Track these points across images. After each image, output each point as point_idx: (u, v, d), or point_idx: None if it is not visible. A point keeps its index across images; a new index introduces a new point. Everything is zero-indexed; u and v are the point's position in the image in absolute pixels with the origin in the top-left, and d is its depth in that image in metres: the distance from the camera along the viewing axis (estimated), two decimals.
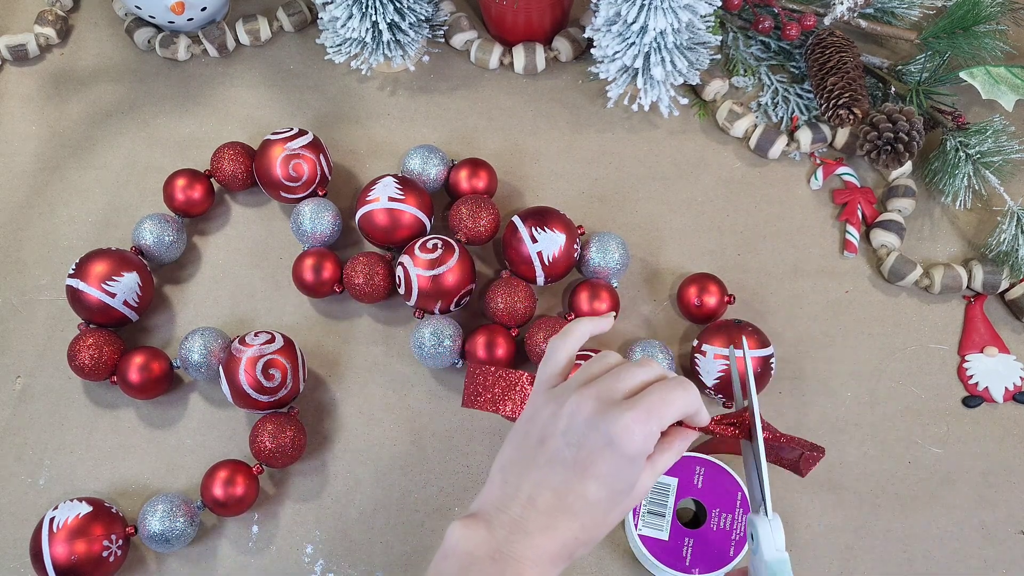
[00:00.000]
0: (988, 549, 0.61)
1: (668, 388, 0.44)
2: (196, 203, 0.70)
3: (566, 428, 0.44)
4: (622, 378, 0.45)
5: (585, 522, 0.43)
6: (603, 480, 0.43)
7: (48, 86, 0.77)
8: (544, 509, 0.43)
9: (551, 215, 0.66)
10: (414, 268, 0.63)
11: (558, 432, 0.44)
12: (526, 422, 0.46)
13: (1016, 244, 0.66)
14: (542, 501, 0.43)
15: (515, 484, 0.44)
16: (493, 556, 0.42)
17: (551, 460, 0.43)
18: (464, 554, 0.42)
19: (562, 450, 0.43)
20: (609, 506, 0.43)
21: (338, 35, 0.71)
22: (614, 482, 0.43)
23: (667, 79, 0.69)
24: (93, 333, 0.64)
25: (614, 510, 0.44)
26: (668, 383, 0.45)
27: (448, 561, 0.42)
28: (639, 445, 0.42)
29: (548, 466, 0.43)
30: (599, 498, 0.43)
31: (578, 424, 0.43)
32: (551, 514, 0.43)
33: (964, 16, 0.70)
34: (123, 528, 0.59)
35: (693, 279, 0.67)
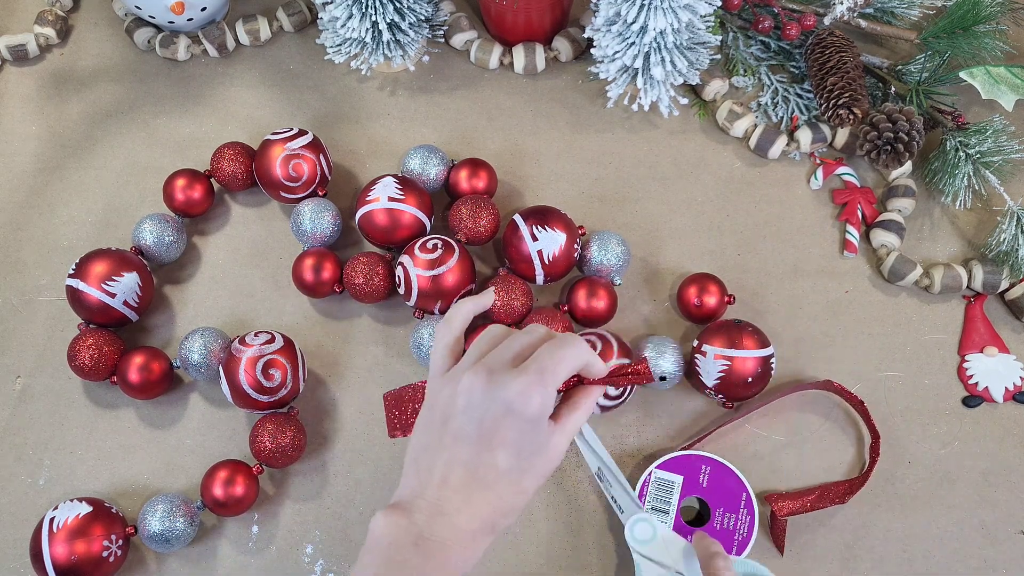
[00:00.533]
0: (988, 549, 0.61)
1: (556, 346, 0.45)
2: (196, 203, 0.70)
3: (465, 405, 0.44)
4: (510, 347, 0.46)
5: (501, 492, 0.44)
6: (510, 447, 0.44)
7: (48, 86, 0.77)
8: (458, 487, 0.44)
9: (552, 214, 0.66)
10: (414, 268, 0.63)
11: (458, 411, 0.45)
12: (428, 409, 0.47)
13: (1016, 244, 0.66)
14: (455, 479, 0.44)
15: (427, 469, 0.45)
16: (415, 542, 0.42)
17: (456, 438, 0.44)
18: (387, 545, 0.43)
19: (465, 426, 0.44)
20: (521, 472, 0.44)
21: (338, 35, 0.71)
22: (521, 447, 0.44)
23: (667, 79, 0.69)
24: (93, 333, 0.64)
25: (527, 475, 0.45)
26: (555, 341, 0.46)
27: (373, 553, 0.43)
28: (537, 406, 0.43)
29: (454, 445, 0.44)
30: (510, 466, 0.44)
31: (475, 399, 0.44)
32: (466, 490, 0.43)
33: (964, 16, 0.70)
34: (123, 528, 0.59)
35: (693, 279, 0.67)
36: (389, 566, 0.42)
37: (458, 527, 0.43)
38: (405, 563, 0.42)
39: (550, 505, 0.62)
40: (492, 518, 0.44)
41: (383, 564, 0.42)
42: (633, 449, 0.63)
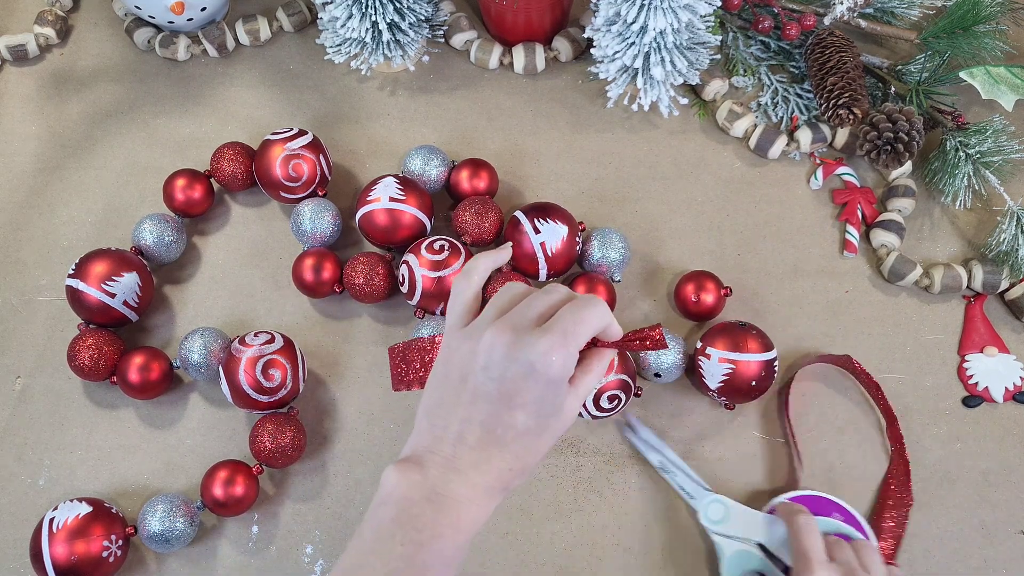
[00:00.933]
0: (988, 549, 0.61)
1: (579, 307, 0.45)
2: (196, 203, 0.70)
3: (486, 363, 0.44)
4: (532, 306, 0.46)
5: (517, 451, 0.44)
6: (529, 408, 0.43)
7: (48, 86, 0.77)
8: (474, 444, 0.43)
9: (553, 208, 0.66)
10: (419, 268, 0.63)
11: (478, 368, 0.44)
12: (444, 363, 0.47)
13: (1016, 244, 0.66)
14: (471, 437, 0.43)
15: (442, 425, 0.44)
16: (429, 497, 0.42)
17: (475, 396, 0.44)
18: (400, 498, 0.42)
19: (484, 384, 0.44)
20: (538, 432, 0.44)
21: (338, 35, 0.71)
22: (540, 408, 0.43)
23: (667, 79, 0.69)
24: (93, 333, 0.64)
25: (543, 435, 0.44)
26: (578, 302, 0.45)
27: (386, 507, 0.43)
28: (559, 368, 0.43)
29: (472, 402, 0.44)
30: (528, 426, 0.43)
31: (497, 357, 0.44)
32: (482, 448, 0.43)
33: (964, 16, 0.70)
34: (123, 528, 0.59)
35: (689, 277, 0.67)
36: (401, 520, 0.41)
37: (473, 484, 0.43)
38: (418, 517, 0.41)
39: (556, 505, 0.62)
40: (507, 477, 0.44)
41: (395, 518, 0.42)
42: (633, 450, 0.63)
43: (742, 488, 0.62)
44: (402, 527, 0.41)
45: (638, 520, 0.61)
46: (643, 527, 0.61)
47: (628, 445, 0.64)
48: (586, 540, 0.61)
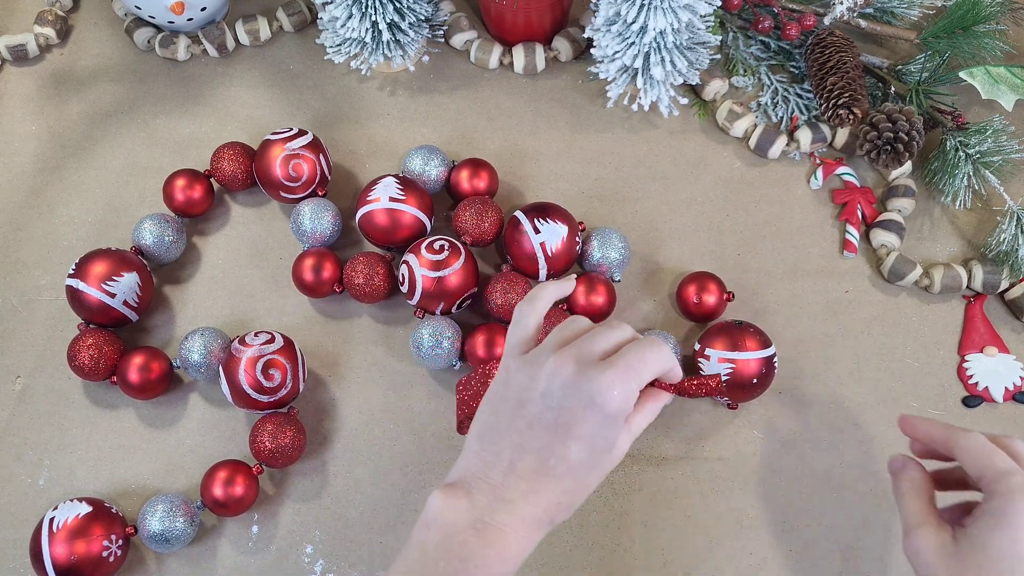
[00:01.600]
0: None
1: (644, 347, 0.45)
2: (196, 203, 0.70)
3: (545, 390, 0.43)
4: (597, 340, 0.45)
5: (567, 485, 0.43)
6: (585, 441, 0.43)
7: (48, 86, 0.77)
8: (525, 474, 0.43)
9: (553, 208, 0.66)
10: (419, 268, 0.63)
11: (537, 395, 0.44)
12: (501, 386, 0.46)
13: (1016, 244, 0.66)
14: (523, 466, 0.43)
15: (495, 451, 0.44)
16: (475, 525, 0.41)
17: (531, 423, 0.43)
18: (446, 524, 0.42)
19: (543, 413, 0.43)
20: (590, 467, 0.43)
21: (338, 35, 0.71)
22: (595, 442, 0.43)
23: (667, 79, 0.69)
24: (93, 333, 0.64)
25: (594, 471, 0.44)
26: (643, 342, 0.45)
27: (431, 531, 0.42)
28: (620, 403, 0.42)
29: (528, 429, 0.43)
30: (581, 459, 0.43)
31: (557, 386, 0.43)
32: (533, 479, 0.42)
33: (964, 16, 0.70)
34: (123, 528, 0.59)
35: (692, 278, 0.67)
36: (446, 546, 0.41)
37: (521, 516, 0.42)
38: (463, 545, 0.41)
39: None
40: (554, 511, 0.43)
41: (440, 543, 0.41)
42: (634, 450, 0.63)
43: (742, 487, 0.62)
44: (447, 554, 0.41)
45: (638, 520, 0.61)
46: (643, 527, 0.61)
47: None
48: (586, 540, 0.61)
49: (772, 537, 0.61)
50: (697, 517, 0.62)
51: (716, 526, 0.61)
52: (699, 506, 0.62)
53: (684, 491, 0.62)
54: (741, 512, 0.62)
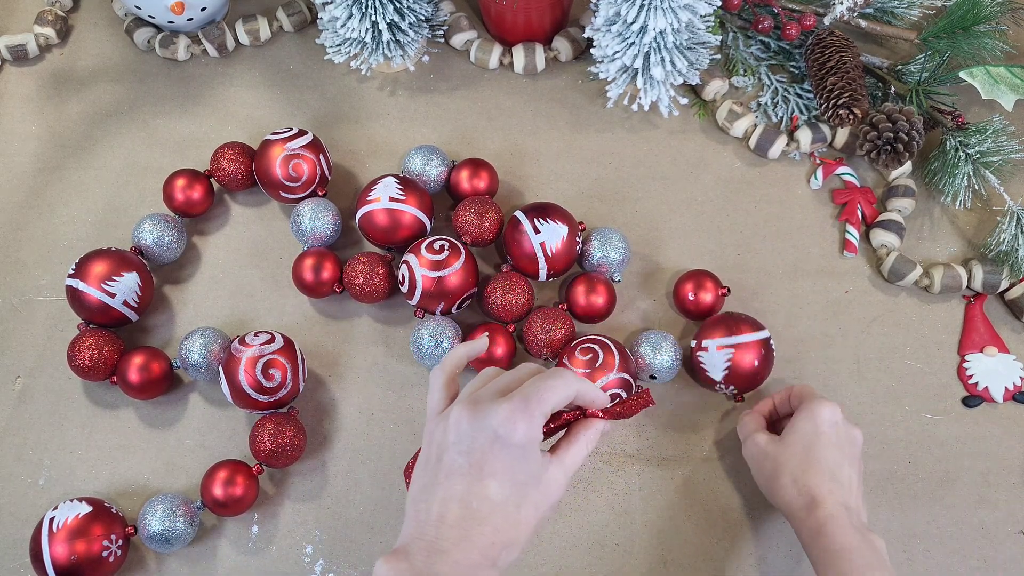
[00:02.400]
0: (988, 549, 0.61)
1: (543, 378, 0.46)
2: (196, 203, 0.70)
3: (456, 438, 0.45)
4: (498, 382, 0.47)
5: (497, 524, 0.43)
6: (500, 476, 0.43)
7: (48, 86, 0.77)
8: (454, 522, 0.43)
9: (553, 208, 0.66)
10: (419, 268, 0.63)
11: (449, 444, 0.45)
12: (425, 447, 0.47)
13: (1016, 244, 0.66)
14: (451, 516, 0.43)
15: (425, 508, 0.45)
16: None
17: (449, 473, 0.44)
18: None
19: (456, 459, 0.44)
20: (517, 502, 0.44)
21: (338, 35, 0.71)
22: (513, 475, 0.44)
23: (667, 79, 0.69)
24: (93, 333, 0.64)
25: (523, 506, 0.44)
26: (543, 374, 0.46)
27: None
28: (523, 432, 0.43)
29: (447, 480, 0.44)
30: (503, 496, 0.43)
31: (463, 429, 0.44)
32: (461, 525, 0.43)
33: (964, 16, 0.70)
34: (123, 528, 0.59)
35: (688, 276, 0.67)
36: None
37: (456, 563, 0.42)
38: None
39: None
40: (491, 552, 0.43)
41: None
42: (634, 450, 0.63)
43: (742, 487, 0.62)
44: None
45: (638, 520, 0.61)
46: (643, 527, 0.61)
47: (628, 445, 0.64)
48: (586, 540, 0.61)
49: (771, 537, 0.61)
50: (697, 517, 0.62)
51: (716, 526, 0.61)
52: (699, 506, 0.62)
53: (684, 491, 0.62)
54: (740, 512, 0.62)
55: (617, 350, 0.62)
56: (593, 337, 0.63)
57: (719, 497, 0.62)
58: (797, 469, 0.55)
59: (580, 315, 0.66)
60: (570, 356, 0.62)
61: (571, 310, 0.66)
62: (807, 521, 0.54)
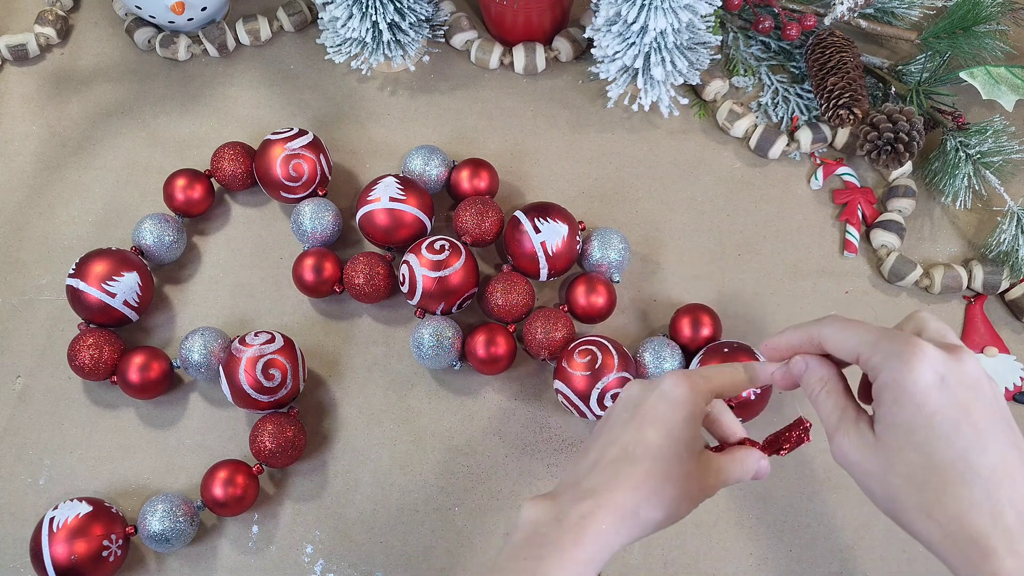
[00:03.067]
0: None
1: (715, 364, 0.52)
2: (196, 203, 0.70)
3: (624, 398, 0.47)
4: None
5: (648, 467, 0.43)
6: (659, 425, 0.44)
7: (48, 86, 0.77)
8: (607, 464, 0.44)
9: (553, 207, 0.66)
10: (420, 268, 0.63)
11: (619, 407, 0.47)
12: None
13: (1016, 244, 0.66)
14: (606, 458, 0.44)
15: (584, 458, 0.46)
16: (557, 517, 0.42)
17: (613, 425, 0.46)
18: (528, 523, 0.43)
19: (621, 415, 0.46)
20: (672, 456, 0.43)
21: (338, 35, 0.71)
22: (672, 428, 0.44)
23: (667, 79, 0.69)
24: (93, 333, 0.64)
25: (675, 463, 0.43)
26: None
27: (516, 532, 0.43)
28: (684, 389, 0.44)
29: (611, 431, 0.45)
30: (660, 442, 0.43)
31: (633, 392, 0.46)
32: (614, 466, 0.43)
33: (964, 16, 0.70)
34: (123, 528, 0.59)
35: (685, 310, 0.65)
36: (528, 539, 0.42)
37: (601, 503, 0.42)
38: (544, 535, 0.42)
39: None
40: (636, 496, 0.42)
41: (523, 539, 0.42)
42: None
43: (742, 488, 0.62)
44: (527, 543, 0.42)
45: None
46: None
47: None
48: None
49: (772, 537, 0.61)
50: (697, 517, 0.62)
51: (716, 526, 0.61)
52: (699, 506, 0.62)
53: None
54: (741, 512, 0.62)
55: (616, 350, 0.62)
56: (591, 339, 0.63)
57: (719, 497, 0.62)
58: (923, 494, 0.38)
59: (580, 315, 0.66)
60: (568, 359, 0.61)
61: (571, 311, 0.66)
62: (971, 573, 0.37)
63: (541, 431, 0.65)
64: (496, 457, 0.64)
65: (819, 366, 0.45)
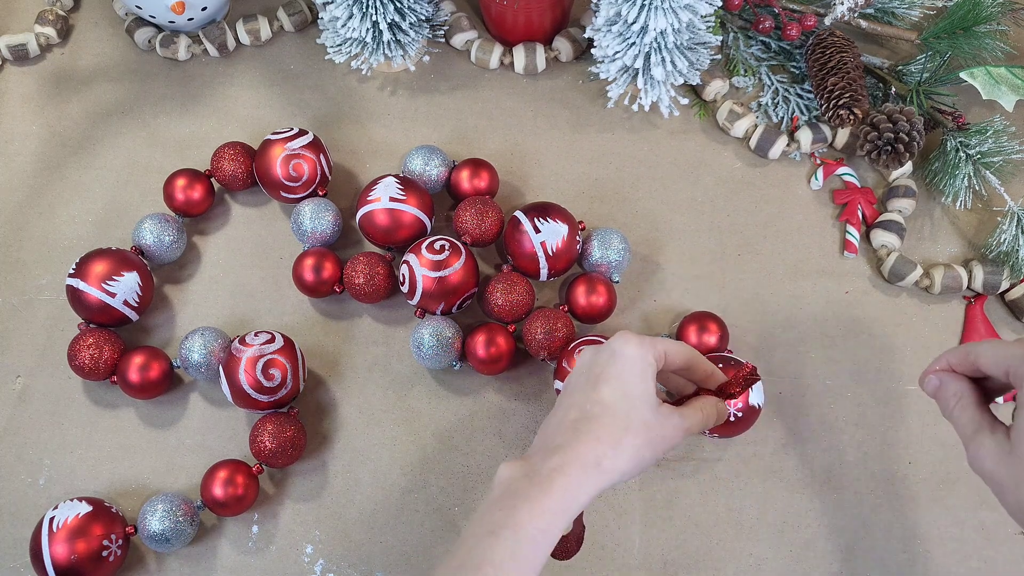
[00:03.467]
0: (988, 549, 0.61)
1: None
2: (196, 203, 0.70)
3: (579, 365, 0.51)
4: None
5: (605, 422, 0.47)
6: (613, 383, 0.48)
7: (48, 86, 0.77)
8: (569, 424, 0.48)
9: (552, 207, 0.66)
10: (420, 268, 0.63)
11: (575, 373, 0.51)
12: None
13: (1016, 244, 0.66)
14: (568, 419, 0.48)
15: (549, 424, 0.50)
16: (528, 474, 0.46)
17: (572, 391, 0.50)
18: (504, 480, 0.47)
19: (578, 380, 0.50)
20: (627, 408, 0.48)
21: (338, 35, 0.71)
22: (624, 384, 0.48)
23: (667, 79, 0.69)
24: (93, 333, 0.64)
25: (632, 414, 0.48)
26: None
27: (492, 492, 0.47)
28: (635, 347, 0.49)
29: (570, 396, 0.50)
30: (614, 398, 0.48)
31: (586, 357, 0.51)
32: (575, 426, 0.48)
33: (964, 16, 0.70)
34: (123, 528, 0.59)
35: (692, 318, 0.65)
36: (503, 494, 0.46)
37: (565, 459, 0.46)
38: (516, 490, 0.46)
39: None
40: (597, 448, 0.46)
41: (499, 495, 0.46)
42: None
43: (742, 487, 0.62)
44: (501, 497, 0.46)
45: (638, 520, 0.61)
46: (643, 527, 0.61)
47: None
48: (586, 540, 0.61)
49: (772, 537, 0.61)
50: (697, 517, 0.62)
51: (716, 526, 0.61)
52: (699, 506, 0.62)
53: (684, 491, 0.62)
54: (741, 512, 0.62)
55: None
56: (591, 338, 0.63)
57: (720, 498, 0.62)
58: None
59: (580, 316, 0.66)
60: (568, 358, 0.62)
61: (571, 311, 0.66)
62: None
63: None
64: (496, 457, 0.64)
65: (952, 381, 0.47)
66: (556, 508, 0.45)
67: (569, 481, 0.45)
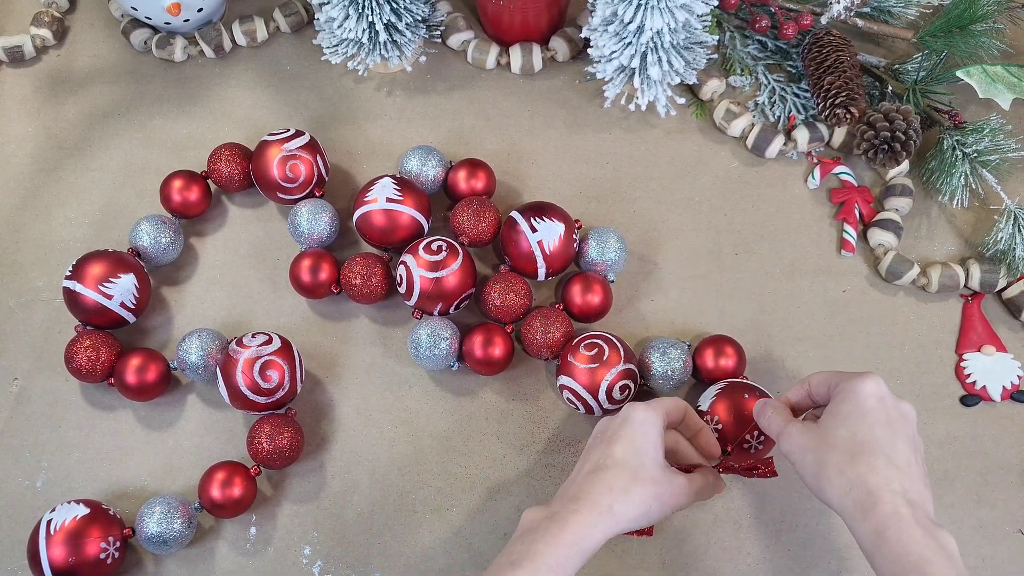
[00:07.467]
0: (986, 548, 0.61)
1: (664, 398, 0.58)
2: (193, 204, 0.70)
3: (596, 431, 0.57)
4: None
5: (616, 472, 0.53)
6: (623, 441, 0.54)
7: (44, 87, 0.77)
8: (585, 476, 0.53)
9: (549, 206, 0.66)
10: (417, 269, 0.63)
11: (592, 438, 0.57)
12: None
13: (1013, 243, 0.66)
14: (584, 471, 0.54)
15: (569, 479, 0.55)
16: (548, 516, 0.52)
17: (590, 449, 0.56)
18: (525, 523, 0.53)
19: (597, 441, 0.56)
20: (636, 465, 0.53)
21: (334, 36, 0.71)
22: (634, 442, 0.54)
23: (664, 79, 0.69)
24: (90, 335, 0.64)
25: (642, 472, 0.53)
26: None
27: (516, 532, 0.53)
28: (642, 411, 0.55)
29: (588, 454, 0.56)
30: (625, 455, 0.53)
31: (603, 423, 0.57)
32: (590, 477, 0.53)
33: (961, 15, 0.70)
34: (120, 530, 0.58)
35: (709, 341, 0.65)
36: (525, 533, 0.51)
37: (580, 505, 0.51)
38: (536, 529, 0.51)
39: None
40: (609, 496, 0.51)
41: (522, 533, 0.52)
42: None
43: (740, 488, 0.62)
44: (523, 535, 0.51)
45: None
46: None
47: None
48: None
49: (770, 537, 0.61)
50: (696, 517, 0.62)
51: (714, 526, 0.61)
52: (698, 506, 0.62)
53: None
54: (739, 512, 0.62)
55: (621, 345, 0.62)
56: (596, 333, 0.63)
57: (719, 498, 0.62)
58: (843, 458, 0.49)
59: (576, 315, 0.66)
60: (573, 352, 0.62)
61: (567, 309, 0.66)
62: (865, 523, 0.47)
63: (539, 431, 0.65)
64: (494, 458, 0.64)
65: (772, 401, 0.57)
66: (571, 542, 0.50)
67: (583, 520, 0.51)
